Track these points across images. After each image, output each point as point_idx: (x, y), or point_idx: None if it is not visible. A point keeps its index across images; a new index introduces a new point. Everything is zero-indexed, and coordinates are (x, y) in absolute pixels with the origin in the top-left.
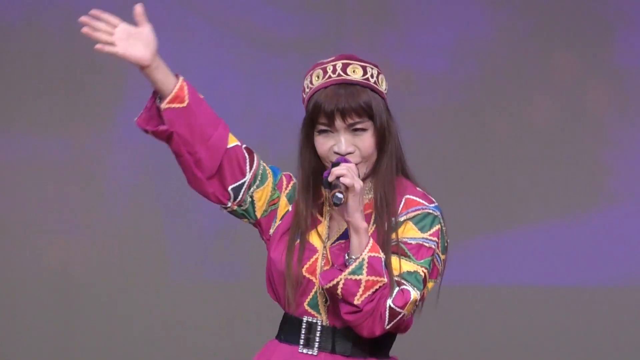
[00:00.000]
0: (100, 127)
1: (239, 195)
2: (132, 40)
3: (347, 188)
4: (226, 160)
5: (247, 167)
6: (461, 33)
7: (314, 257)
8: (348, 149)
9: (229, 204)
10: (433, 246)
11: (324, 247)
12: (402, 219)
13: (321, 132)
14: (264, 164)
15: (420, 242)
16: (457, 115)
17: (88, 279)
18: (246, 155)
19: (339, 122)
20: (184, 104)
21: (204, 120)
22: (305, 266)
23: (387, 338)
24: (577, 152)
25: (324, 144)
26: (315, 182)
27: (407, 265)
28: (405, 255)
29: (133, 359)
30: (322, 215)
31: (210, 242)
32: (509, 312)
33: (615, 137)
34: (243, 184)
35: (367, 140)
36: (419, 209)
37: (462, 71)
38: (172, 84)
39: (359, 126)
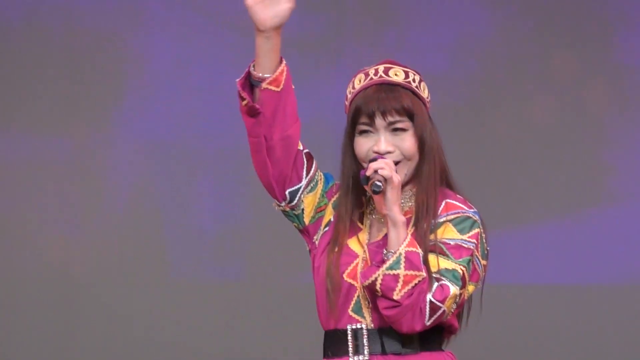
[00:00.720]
0: (101, 127)
1: (294, 199)
2: (267, 2)
3: (386, 180)
4: (293, 162)
5: (304, 173)
6: (461, 32)
7: (355, 262)
8: (388, 148)
9: (283, 204)
10: (472, 247)
11: (364, 251)
12: (441, 220)
13: (362, 132)
14: (319, 170)
15: (459, 243)
16: (457, 114)
17: (88, 279)
18: (305, 160)
19: (379, 121)
20: (279, 89)
21: (289, 110)
22: (346, 271)
23: (435, 331)
24: (577, 152)
25: (363, 144)
26: (355, 188)
27: (445, 263)
28: (444, 254)
29: (133, 358)
30: (362, 224)
31: (211, 242)
32: (509, 311)
33: (615, 136)
34: (299, 189)
35: (407, 141)
36: (458, 212)
37: (462, 70)
38: (275, 64)
39: (399, 125)
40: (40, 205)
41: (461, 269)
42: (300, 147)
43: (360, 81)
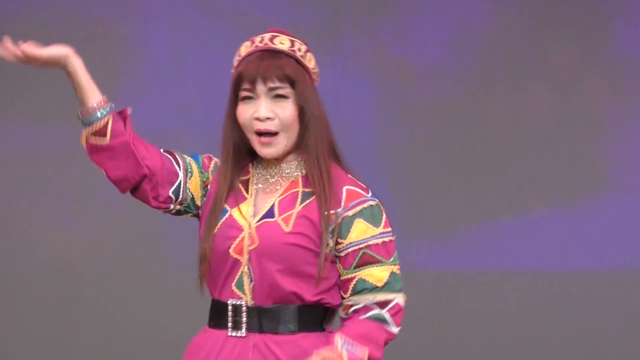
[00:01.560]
0: None
1: (179, 194)
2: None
3: None
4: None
5: (177, 166)
6: (459, 24)
7: (240, 236)
8: (267, 114)
9: (172, 206)
10: (392, 237)
11: (249, 225)
12: (348, 214)
13: (244, 99)
14: (184, 155)
15: (382, 239)
16: (455, 106)
17: (87, 276)
18: (169, 156)
19: (260, 86)
20: (106, 142)
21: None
22: (232, 246)
23: (318, 313)
24: (575, 143)
25: (245, 111)
26: (236, 155)
27: (384, 271)
28: (377, 262)
29: (133, 358)
30: (247, 192)
31: None
32: (508, 297)
33: (613, 128)
34: (180, 182)
35: (287, 109)
36: (362, 202)
37: (460, 62)
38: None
39: (280, 92)
40: (38, 199)
41: (397, 268)
42: (162, 150)
43: (246, 48)
